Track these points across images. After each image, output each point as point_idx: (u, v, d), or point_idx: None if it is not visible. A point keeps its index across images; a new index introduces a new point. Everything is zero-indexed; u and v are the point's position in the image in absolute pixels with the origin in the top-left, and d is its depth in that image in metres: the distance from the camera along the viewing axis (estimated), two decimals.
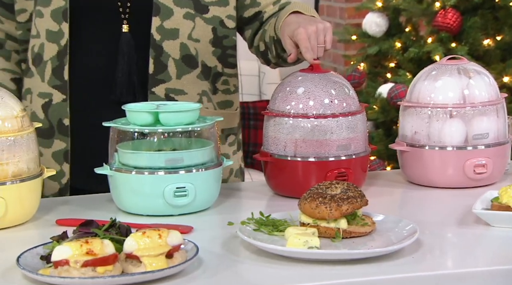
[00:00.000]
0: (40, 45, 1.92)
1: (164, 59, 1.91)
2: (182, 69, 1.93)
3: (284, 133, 1.78)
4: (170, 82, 1.92)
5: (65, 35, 1.90)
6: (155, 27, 1.90)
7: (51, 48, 1.91)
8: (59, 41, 1.90)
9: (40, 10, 1.91)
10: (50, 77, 1.92)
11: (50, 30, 1.90)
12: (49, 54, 1.91)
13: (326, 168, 1.76)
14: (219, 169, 1.71)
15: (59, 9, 1.89)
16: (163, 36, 1.90)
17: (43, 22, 1.90)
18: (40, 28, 1.91)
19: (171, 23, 1.91)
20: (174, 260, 1.34)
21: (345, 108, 1.79)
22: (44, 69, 1.92)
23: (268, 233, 1.50)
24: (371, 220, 1.54)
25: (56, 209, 1.73)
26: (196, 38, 1.94)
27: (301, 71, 1.83)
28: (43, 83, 1.93)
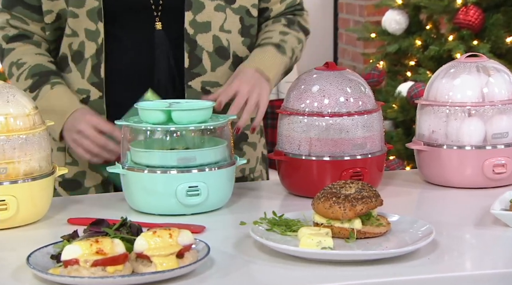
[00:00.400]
0: (80, 43, 1.94)
1: (198, 53, 1.94)
2: (216, 61, 1.96)
3: (299, 132, 1.77)
4: (206, 75, 1.95)
5: (101, 34, 1.93)
6: (188, 22, 1.93)
7: (91, 47, 1.94)
8: (97, 39, 1.93)
9: (73, 11, 1.93)
10: (90, 75, 1.95)
11: (88, 29, 1.93)
12: (89, 52, 1.94)
13: (341, 168, 1.75)
14: (232, 168, 1.71)
15: (94, 9, 1.92)
16: (196, 30, 1.93)
17: (80, 22, 1.93)
18: (78, 28, 1.94)
19: (203, 16, 1.94)
20: (185, 260, 1.34)
21: (361, 107, 1.78)
22: (85, 66, 1.95)
23: (281, 233, 1.50)
24: (386, 220, 1.53)
25: (68, 208, 1.73)
26: (228, 29, 1.97)
27: (316, 69, 1.82)
28: (83, 79, 1.95)
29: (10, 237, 1.56)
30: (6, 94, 1.59)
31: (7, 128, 1.57)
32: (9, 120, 1.58)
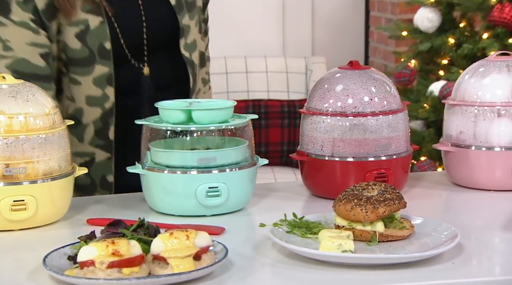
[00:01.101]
0: (76, 109, 1.93)
1: (196, 70, 2.03)
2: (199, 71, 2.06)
3: (322, 132, 1.76)
4: (197, 87, 2.04)
5: (111, 98, 1.92)
6: (182, 47, 1.99)
7: (93, 112, 1.93)
8: (103, 104, 1.92)
9: (75, 78, 1.91)
10: (92, 138, 1.94)
11: (91, 96, 1.92)
12: (90, 118, 1.93)
13: (365, 169, 1.74)
14: (253, 169, 1.70)
15: (103, 76, 1.91)
16: (190, 51, 2.01)
17: (82, 89, 1.91)
18: (76, 94, 1.92)
19: (191, 37, 2.01)
20: (202, 262, 1.33)
21: (386, 106, 1.77)
22: (83, 131, 1.94)
23: (301, 236, 1.49)
24: (409, 223, 1.52)
25: (88, 208, 1.73)
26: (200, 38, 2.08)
27: (340, 68, 1.81)
28: (82, 143, 1.94)
29: (29, 237, 1.57)
30: (26, 93, 1.60)
31: (26, 128, 1.58)
32: (29, 119, 1.59)
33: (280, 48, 5.07)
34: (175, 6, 1.99)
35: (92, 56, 1.90)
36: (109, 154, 1.95)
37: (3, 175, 1.57)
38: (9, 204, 1.56)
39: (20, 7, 1.86)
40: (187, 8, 2.01)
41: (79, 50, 1.90)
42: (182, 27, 1.99)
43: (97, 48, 1.90)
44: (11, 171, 1.57)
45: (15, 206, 1.57)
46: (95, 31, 1.90)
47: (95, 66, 1.90)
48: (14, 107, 1.58)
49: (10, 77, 1.63)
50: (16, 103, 1.58)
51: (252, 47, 4.90)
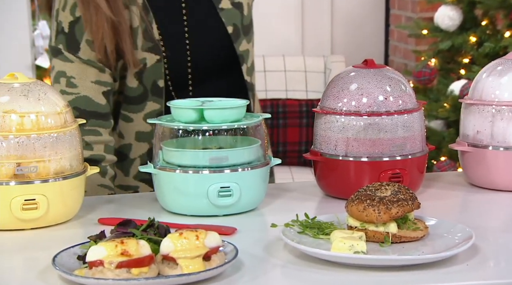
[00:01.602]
0: (125, 145, 1.96)
1: (255, 91, 2.07)
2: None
3: (335, 132, 1.75)
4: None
5: None
6: (245, 73, 2.01)
7: (141, 147, 1.96)
8: (151, 140, 1.94)
9: (128, 115, 1.94)
10: (138, 173, 1.96)
11: (141, 131, 1.95)
12: (137, 153, 1.96)
13: (380, 169, 1.73)
14: (266, 169, 1.70)
15: (153, 112, 1.94)
16: (250, 74, 2.04)
17: (132, 126, 1.95)
18: (126, 130, 1.95)
19: (250, 60, 2.04)
20: (212, 262, 1.33)
21: (401, 106, 1.76)
22: (130, 165, 1.97)
23: (313, 236, 1.48)
24: (423, 224, 1.51)
25: (100, 208, 1.74)
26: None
27: (354, 66, 1.80)
28: (127, 177, 1.98)
29: (40, 237, 1.58)
30: (38, 92, 1.60)
31: (38, 126, 1.58)
32: (40, 118, 1.59)
33: (298, 47, 5.06)
34: (232, 35, 1.98)
35: (145, 93, 1.94)
36: (152, 189, 1.91)
37: (14, 174, 1.57)
38: (20, 203, 1.57)
39: (89, 45, 1.90)
40: (244, 32, 2.00)
41: (135, 88, 1.94)
42: (241, 55, 2.00)
43: (151, 86, 1.94)
44: (22, 170, 1.57)
45: (26, 205, 1.57)
46: (151, 69, 1.93)
47: (147, 103, 1.94)
48: (25, 105, 1.58)
49: (22, 76, 1.63)
50: (28, 101, 1.58)
51: (270, 46, 4.90)
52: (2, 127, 1.57)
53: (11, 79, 1.63)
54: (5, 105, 1.58)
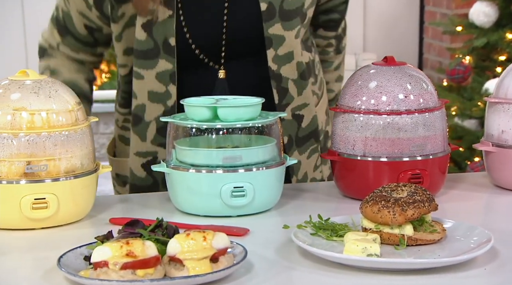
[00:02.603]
0: (139, 106, 1.94)
1: (284, 84, 1.95)
2: (301, 85, 1.97)
3: (353, 131, 1.73)
4: (294, 101, 1.97)
5: (173, 96, 1.91)
6: (271, 59, 1.93)
7: (156, 109, 1.93)
8: (166, 102, 1.92)
9: (139, 72, 1.91)
10: (155, 136, 1.94)
11: (154, 91, 1.92)
12: (153, 115, 1.93)
13: (399, 169, 1.71)
14: (281, 168, 1.68)
15: (166, 72, 1.90)
16: (280, 64, 1.94)
17: (144, 84, 1.92)
18: (139, 89, 1.92)
19: (285, 49, 1.94)
20: (219, 264, 1.32)
21: (422, 104, 1.73)
22: (146, 129, 1.94)
23: (326, 238, 1.46)
24: (441, 226, 1.48)
25: (112, 207, 1.73)
26: (308, 46, 2.01)
27: (374, 64, 1.78)
28: (144, 142, 1.95)
29: (50, 236, 1.57)
30: (49, 89, 1.60)
31: (48, 124, 1.58)
32: (51, 116, 1.58)
33: None
34: (264, 13, 1.91)
35: (157, 49, 1.89)
36: None
37: (24, 172, 1.57)
38: (30, 202, 1.57)
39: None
40: (281, 16, 1.91)
41: (144, 42, 1.90)
42: (269, 37, 1.91)
43: (162, 42, 1.89)
44: (32, 169, 1.57)
45: (36, 204, 1.57)
46: (162, 23, 1.89)
47: (158, 60, 1.90)
48: (36, 103, 1.58)
49: (34, 73, 1.63)
50: (38, 99, 1.58)
51: None
52: (12, 124, 1.56)
53: (22, 76, 1.63)
54: (16, 102, 1.57)
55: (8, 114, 1.57)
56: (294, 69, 1.95)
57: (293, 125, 1.98)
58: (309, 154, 2.01)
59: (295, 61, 1.95)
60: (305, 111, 1.99)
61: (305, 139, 2.00)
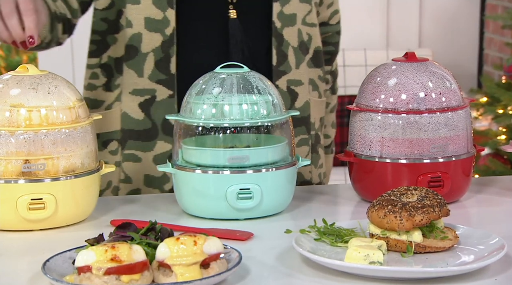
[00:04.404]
0: (134, 36, 1.86)
1: (285, 48, 1.91)
2: (299, 57, 1.93)
3: (370, 131, 1.69)
4: (290, 73, 1.92)
5: (171, 23, 1.84)
6: (276, 14, 1.88)
7: (153, 39, 1.85)
8: (164, 30, 1.84)
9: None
10: (153, 71, 1.85)
11: (151, 18, 1.84)
12: (150, 46, 1.85)
13: (418, 172, 1.66)
14: (292, 170, 1.65)
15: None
16: (283, 23, 1.89)
17: (141, 9, 1.84)
18: (134, 16, 1.84)
19: (290, 8, 1.90)
20: (210, 270, 1.29)
21: (444, 103, 1.68)
22: (143, 62, 1.86)
23: (331, 244, 1.43)
24: (453, 233, 1.44)
25: (117, 209, 1.72)
26: (310, 22, 1.94)
27: (394, 60, 1.74)
28: (141, 78, 1.86)
29: (47, 238, 1.56)
30: (48, 85, 1.59)
31: (47, 122, 1.57)
32: (50, 112, 1.57)
33: (382, 40, 4.96)
34: None
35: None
36: (171, 92, 1.86)
37: (21, 171, 1.57)
38: (26, 203, 1.56)
39: None
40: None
41: None
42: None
43: None
44: (29, 168, 1.57)
45: (32, 204, 1.57)
46: None
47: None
48: (34, 99, 1.57)
49: (33, 68, 1.63)
50: (37, 95, 1.58)
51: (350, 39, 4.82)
52: (9, 121, 1.56)
53: (22, 72, 1.62)
54: (13, 98, 1.57)
55: (5, 110, 1.57)
56: (295, 36, 1.91)
57: (286, 98, 1.92)
58: (298, 142, 1.96)
59: (297, 27, 1.91)
60: (299, 90, 1.93)
61: (296, 122, 1.92)
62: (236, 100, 1.61)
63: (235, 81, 1.63)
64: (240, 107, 1.61)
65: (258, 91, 1.63)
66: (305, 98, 1.95)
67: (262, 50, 1.92)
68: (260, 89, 1.63)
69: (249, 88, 1.62)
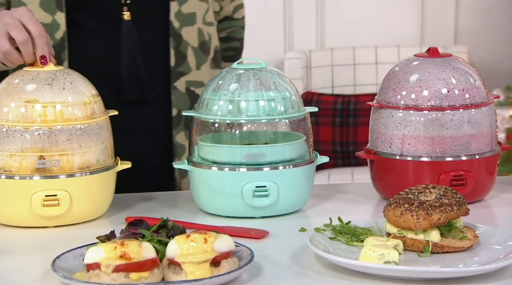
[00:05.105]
0: None
1: (183, 49, 1.89)
2: (200, 58, 1.92)
3: (391, 128, 1.68)
4: (190, 74, 1.91)
5: (61, 26, 1.82)
6: (173, 13, 1.87)
7: None
8: (54, 34, 1.82)
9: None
10: None
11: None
12: None
13: (440, 170, 1.64)
14: (310, 167, 1.64)
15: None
16: (182, 23, 1.88)
17: None
18: None
19: (189, 7, 1.89)
20: (220, 268, 1.29)
21: (468, 100, 1.67)
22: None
23: (346, 243, 1.42)
24: (473, 233, 1.42)
25: (133, 206, 1.72)
26: (209, 21, 1.94)
27: (416, 55, 1.72)
28: None
29: (61, 235, 1.57)
30: (63, 81, 1.60)
31: (61, 117, 1.58)
32: (65, 108, 1.58)
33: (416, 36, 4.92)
34: None
35: None
36: None
37: (36, 168, 1.57)
38: (41, 199, 1.57)
39: None
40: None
41: None
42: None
43: None
44: (44, 164, 1.57)
45: (47, 201, 1.57)
46: None
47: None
48: (49, 95, 1.58)
49: (50, 64, 1.63)
50: (51, 91, 1.58)
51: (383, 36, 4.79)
52: (24, 117, 1.57)
53: (38, 67, 1.63)
54: (28, 94, 1.58)
55: (20, 106, 1.57)
56: (195, 35, 1.89)
57: (184, 100, 1.89)
58: None
59: (197, 27, 1.90)
60: (201, 91, 1.88)
61: None
62: (252, 96, 1.61)
63: (252, 77, 1.62)
64: (257, 103, 1.60)
65: (276, 87, 1.62)
66: None
67: (160, 51, 1.90)
68: (277, 85, 1.62)
69: (266, 84, 1.62)
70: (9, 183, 1.58)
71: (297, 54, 4.43)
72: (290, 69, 4.37)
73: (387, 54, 4.54)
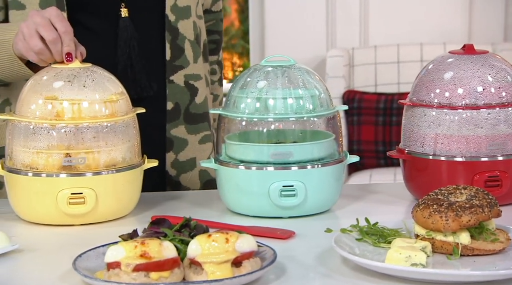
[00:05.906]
0: None
1: (180, 42, 1.89)
2: (196, 51, 1.92)
3: (423, 127, 1.66)
4: (188, 67, 1.91)
5: None
6: (169, 7, 1.88)
7: None
8: None
9: (18, 1, 1.81)
10: None
11: None
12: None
13: (474, 170, 1.62)
14: (339, 166, 1.63)
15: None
16: (178, 16, 1.89)
17: (26, 15, 1.75)
18: (20, 23, 1.73)
19: (184, 1, 1.89)
20: (242, 269, 1.28)
21: (504, 98, 1.64)
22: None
23: (373, 245, 1.41)
24: (506, 235, 1.40)
25: (160, 205, 1.73)
26: (199, 14, 1.95)
27: (451, 52, 1.70)
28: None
29: (87, 234, 1.58)
30: (85, 78, 1.60)
31: (88, 115, 1.58)
32: (92, 106, 1.59)
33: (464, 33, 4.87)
34: None
35: None
36: None
37: (62, 165, 1.58)
38: (66, 197, 1.58)
39: None
40: None
41: None
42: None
43: None
44: (70, 162, 1.58)
45: (73, 199, 1.58)
46: None
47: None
48: (75, 92, 1.59)
49: (75, 61, 1.64)
50: (71, 88, 1.59)
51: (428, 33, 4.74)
52: (51, 114, 1.58)
53: (63, 65, 1.64)
54: (49, 91, 1.59)
55: (47, 103, 1.59)
56: (191, 29, 1.90)
57: (184, 94, 1.90)
58: (201, 139, 1.93)
59: (192, 20, 1.90)
60: (199, 84, 1.91)
61: (197, 118, 1.92)
62: (280, 94, 1.60)
63: (280, 74, 1.62)
64: (285, 101, 1.59)
65: (304, 85, 1.61)
66: (205, 93, 1.94)
67: (157, 46, 1.90)
68: (306, 83, 1.62)
69: (294, 81, 1.61)
70: (36, 181, 1.59)
71: (339, 51, 4.41)
72: (332, 67, 4.35)
73: (433, 52, 4.49)
